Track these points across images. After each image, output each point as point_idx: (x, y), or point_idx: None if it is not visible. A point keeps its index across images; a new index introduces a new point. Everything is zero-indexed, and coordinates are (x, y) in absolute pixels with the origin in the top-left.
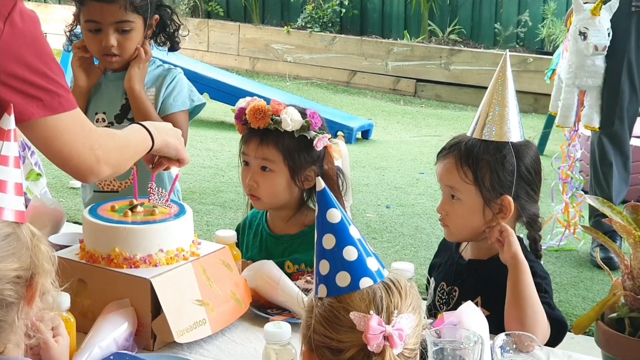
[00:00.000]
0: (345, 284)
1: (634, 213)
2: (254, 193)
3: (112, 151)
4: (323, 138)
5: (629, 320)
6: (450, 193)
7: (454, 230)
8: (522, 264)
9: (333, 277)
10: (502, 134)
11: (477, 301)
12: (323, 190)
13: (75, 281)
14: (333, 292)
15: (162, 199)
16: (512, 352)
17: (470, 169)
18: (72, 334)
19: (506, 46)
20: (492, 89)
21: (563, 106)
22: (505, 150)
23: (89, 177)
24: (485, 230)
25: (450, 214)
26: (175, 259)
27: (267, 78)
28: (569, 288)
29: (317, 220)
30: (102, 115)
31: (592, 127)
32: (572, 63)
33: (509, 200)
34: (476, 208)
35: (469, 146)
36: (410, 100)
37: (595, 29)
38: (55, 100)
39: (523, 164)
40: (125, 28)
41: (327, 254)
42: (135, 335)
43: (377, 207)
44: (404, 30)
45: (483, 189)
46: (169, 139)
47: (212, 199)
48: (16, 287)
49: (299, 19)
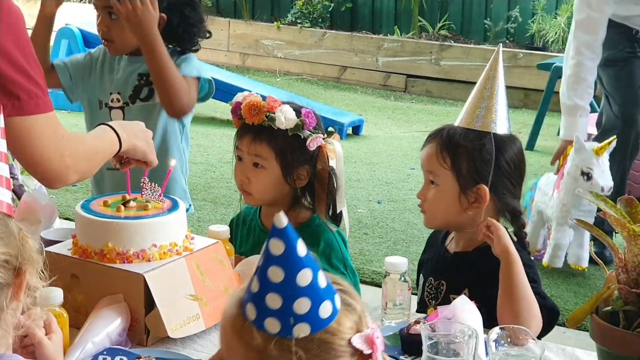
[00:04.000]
0: (328, 314)
1: (628, 206)
2: (245, 188)
3: (82, 159)
4: (317, 138)
5: (624, 313)
6: (430, 179)
7: (429, 215)
8: (513, 257)
9: (316, 311)
10: (487, 125)
11: (464, 293)
12: (286, 227)
13: (68, 276)
14: (319, 327)
15: (155, 194)
16: (507, 345)
17: (449, 155)
18: (65, 330)
19: (496, 42)
20: (483, 81)
21: (555, 246)
22: (485, 139)
23: (56, 184)
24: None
25: (428, 199)
26: (169, 254)
27: (257, 74)
28: (561, 283)
29: (289, 257)
30: (117, 96)
31: (580, 266)
32: (567, 202)
33: (485, 190)
34: (452, 194)
35: (451, 133)
36: (401, 95)
37: (600, 169)
38: (33, 100)
39: (504, 156)
40: (113, 13)
41: (304, 290)
42: (128, 331)
43: (368, 203)
44: (394, 25)
45: (460, 176)
46: (137, 143)
47: (203, 194)
48: (5, 271)
49: (289, 14)
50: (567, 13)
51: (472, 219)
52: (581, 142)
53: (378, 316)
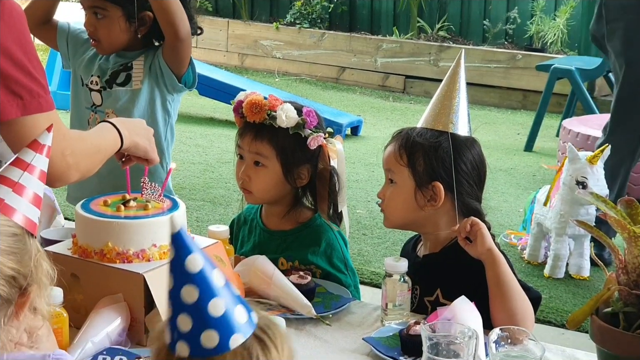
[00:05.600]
0: (212, 345)
1: (628, 208)
2: (246, 187)
3: (83, 157)
4: (317, 137)
5: (624, 314)
6: (389, 177)
7: (387, 214)
8: (498, 256)
9: (197, 335)
10: (445, 124)
11: (437, 294)
12: (178, 233)
13: (68, 276)
14: (198, 353)
15: (155, 194)
16: (507, 346)
17: (405, 152)
18: (65, 329)
19: (495, 43)
20: (445, 82)
21: (555, 257)
22: (442, 138)
23: (57, 183)
24: (422, 220)
25: (386, 198)
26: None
27: (256, 74)
28: (560, 284)
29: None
30: (96, 79)
31: (582, 276)
32: (565, 213)
33: (440, 187)
34: (408, 191)
35: (410, 132)
36: (399, 96)
37: (595, 178)
38: (35, 100)
39: (462, 156)
40: (98, 12)
41: (188, 308)
42: (128, 330)
43: (367, 203)
44: (392, 26)
45: (415, 173)
46: (138, 140)
47: (201, 194)
48: (9, 287)
49: (288, 15)
50: (566, 14)
51: (430, 218)
52: (575, 151)
53: (378, 317)
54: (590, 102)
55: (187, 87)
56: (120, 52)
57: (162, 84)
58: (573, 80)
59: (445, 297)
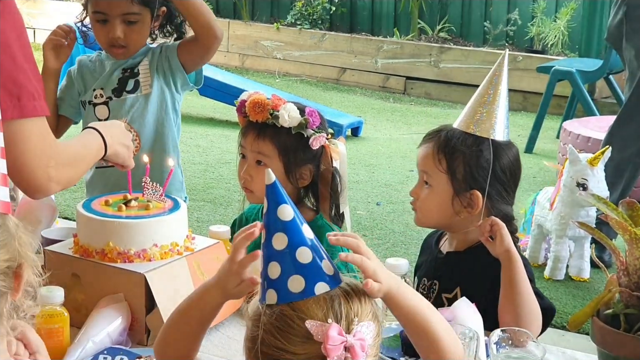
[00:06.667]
0: (298, 290)
1: (630, 209)
2: (248, 186)
3: (66, 169)
4: (320, 137)
5: (625, 316)
6: (424, 179)
7: (420, 215)
8: (515, 257)
9: (284, 281)
10: (485, 130)
11: (456, 292)
12: (273, 184)
13: (69, 275)
14: (284, 299)
15: (157, 194)
16: (508, 348)
17: (445, 158)
18: (65, 329)
19: (495, 44)
20: (486, 85)
21: (555, 258)
22: (483, 146)
23: (36, 194)
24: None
25: (420, 198)
26: (170, 254)
27: (256, 75)
28: (560, 285)
29: (266, 217)
30: (100, 91)
31: (582, 278)
32: (565, 214)
33: (478, 196)
34: (445, 197)
35: (449, 135)
36: (400, 97)
37: (595, 180)
38: (31, 103)
39: (499, 163)
40: (131, 20)
41: (277, 255)
42: (129, 330)
43: (367, 204)
44: (393, 27)
45: (454, 180)
46: (119, 149)
47: (202, 195)
48: (6, 278)
49: (289, 15)
50: (567, 16)
51: (464, 222)
52: (575, 153)
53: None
54: (590, 104)
55: (195, 84)
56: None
57: (172, 83)
58: (574, 82)
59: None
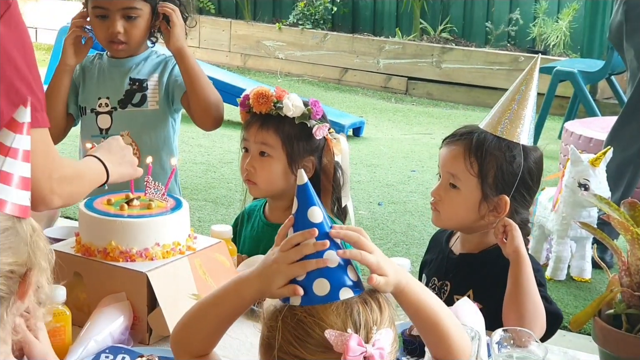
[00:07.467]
0: (323, 293)
1: (632, 210)
2: (251, 178)
3: (68, 184)
4: (323, 127)
5: (626, 316)
6: (450, 181)
7: (444, 217)
8: (524, 258)
9: (310, 283)
10: (512, 133)
11: (468, 294)
12: (305, 185)
13: (71, 275)
14: (308, 301)
15: (159, 193)
16: (510, 347)
17: (477, 161)
18: (67, 328)
19: (497, 45)
20: (516, 88)
21: (557, 259)
22: (516, 151)
23: (39, 206)
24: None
25: (444, 200)
26: (172, 253)
27: (258, 75)
28: (562, 286)
29: (297, 218)
30: (106, 100)
31: (583, 278)
32: (567, 215)
33: (506, 201)
34: (473, 201)
35: (481, 138)
36: (402, 98)
37: (597, 180)
38: (33, 114)
39: (527, 168)
40: (131, 15)
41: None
42: (131, 329)
43: (369, 205)
44: (395, 28)
45: (485, 184)
46: (123, 170)
47: (204, 194)
48: (8, 282)
49: (291, 15)
50: (569, 17)
51: (484, 225)
52: (577, 154)
53: None
54: (592, 105)
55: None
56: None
57: (172, 103)
58: (575, 83)
59: (477, 299)
